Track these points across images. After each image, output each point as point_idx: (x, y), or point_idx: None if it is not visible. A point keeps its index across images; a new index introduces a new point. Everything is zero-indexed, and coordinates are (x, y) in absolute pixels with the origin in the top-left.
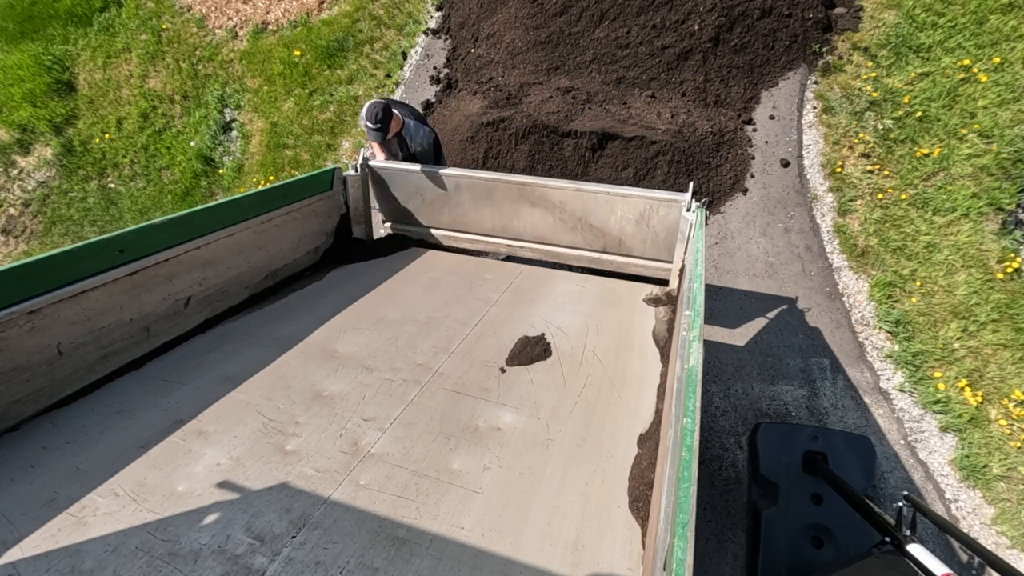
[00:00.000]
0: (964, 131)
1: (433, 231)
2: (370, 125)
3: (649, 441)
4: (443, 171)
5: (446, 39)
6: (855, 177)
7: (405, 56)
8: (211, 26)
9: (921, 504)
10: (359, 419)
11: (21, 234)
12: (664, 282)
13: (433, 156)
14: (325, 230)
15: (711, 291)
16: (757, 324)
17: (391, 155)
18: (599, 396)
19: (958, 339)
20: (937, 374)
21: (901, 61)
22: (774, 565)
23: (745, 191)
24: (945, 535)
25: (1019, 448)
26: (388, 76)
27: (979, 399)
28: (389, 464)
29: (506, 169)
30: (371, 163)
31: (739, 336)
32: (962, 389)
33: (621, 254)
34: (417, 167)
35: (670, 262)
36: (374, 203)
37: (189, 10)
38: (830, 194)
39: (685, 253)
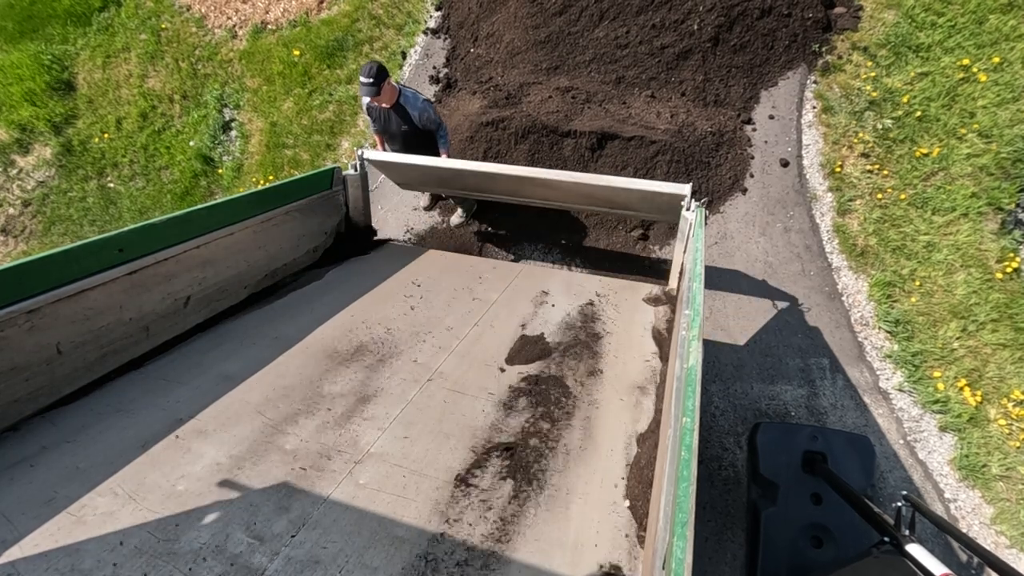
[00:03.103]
0: (963, 131)
1: (443, 191)
2: (363, 79)
3: (649, 441)
4: (443, 164)
5: (445, 39)
6: (854, 177)
7: (404, 56)
8: (210, 26)
9: (920, 504)
10: (359, 418)
11: (20, 234)
12: (665, 270)
13: (440, 125)
14: (325, 229)
15: (710, 291)
16: (756, 324)
17: (391, 134)
18: (599, 396)
19: (957, 339)
20: (936, 374)
21: (900, 61)
22: (773, 565)
23: (744, 191)
24: (944, 535)
25: (1018, 448)
26: None
27: (978, 399)
28: (388, 463)
29: None
30: (367, 156)
31: (738, 336)
32: (961, 389)
33: (630, 209)
34: (415, 159)
35: (676, 222)
36: (381, 180)
37: (188, 10)
38: (829, 194)
39: (685, 253)
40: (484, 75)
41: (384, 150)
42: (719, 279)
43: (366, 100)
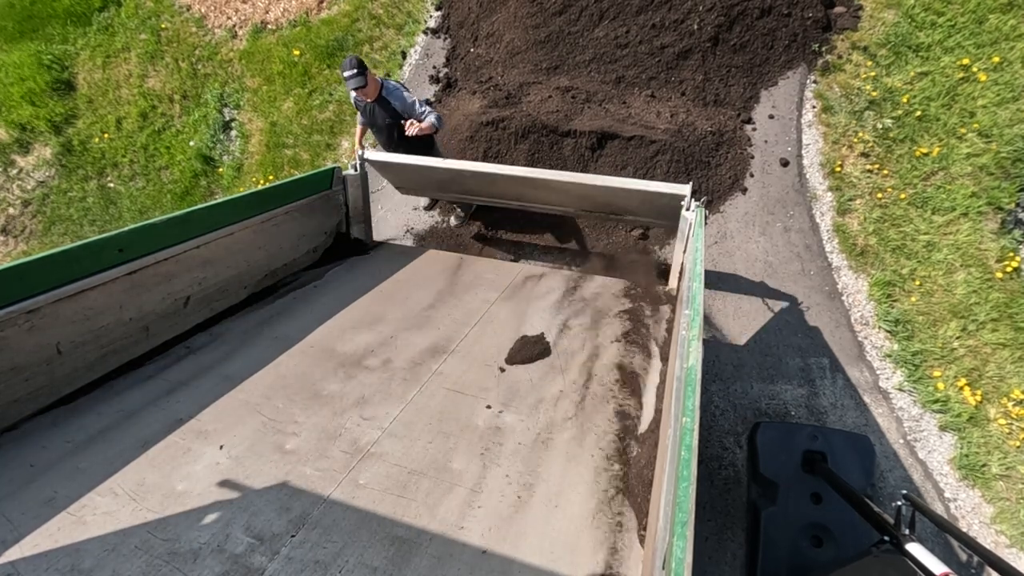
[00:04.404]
0: (963, 130)
1: (443, 194)
2: (347, 73)
3: (648, 440)
4: (442, 164)
5: (445, 38)
6: (854, 176)
7: (404, 55)
8: (210, 26)
9: (920, 503)
10: (358, 418)
11: (20, 234)
12: (665, 270)
13: (420, 109)
14: (324, 229)
15: (710, 290)
16: (756, 323)
17: (377, 127)
18: (598, 395)
19: (957, 338)
20: (936, 373)
21: (900, 60)
22: (773, 564)
23: (744, 190)
24: (944, 534)
25: (1018, 447)
26: (388, 76)
27: (978, 398)
28: (388, 463)
29: None
30: (367, 156)
31: (738, 335)
32: (961, 388)
33: (629, 213)
34: (414, 160)
35: (675, 225)
36: (382, 183)
37: (188, 9)
38: (829, 193)
39: (684, 253)
40: (484, 75)
41: (364, 143)
42: (719, 279)
43: (353, 94)
